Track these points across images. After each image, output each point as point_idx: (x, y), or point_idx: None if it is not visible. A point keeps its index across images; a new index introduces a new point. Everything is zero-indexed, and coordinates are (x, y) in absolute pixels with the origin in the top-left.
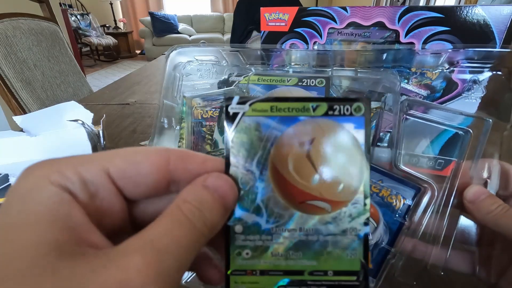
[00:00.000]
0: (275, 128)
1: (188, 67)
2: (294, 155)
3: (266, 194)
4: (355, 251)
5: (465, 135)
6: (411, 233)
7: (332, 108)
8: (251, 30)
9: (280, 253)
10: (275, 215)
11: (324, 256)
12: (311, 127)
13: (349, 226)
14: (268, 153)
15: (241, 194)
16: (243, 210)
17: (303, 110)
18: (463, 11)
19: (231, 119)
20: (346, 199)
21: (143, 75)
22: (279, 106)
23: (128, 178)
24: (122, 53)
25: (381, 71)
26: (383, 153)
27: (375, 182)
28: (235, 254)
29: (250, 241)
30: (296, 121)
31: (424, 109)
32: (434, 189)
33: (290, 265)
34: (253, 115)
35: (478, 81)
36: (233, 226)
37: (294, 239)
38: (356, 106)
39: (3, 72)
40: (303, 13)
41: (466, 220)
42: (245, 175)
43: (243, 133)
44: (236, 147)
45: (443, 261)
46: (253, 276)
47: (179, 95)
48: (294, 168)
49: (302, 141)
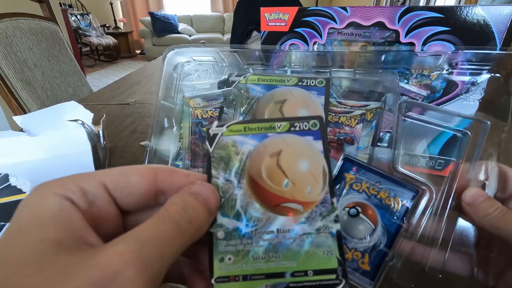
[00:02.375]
0: (249, 143)
1: (186, 67)
2: (266, 165)
3: (245, 200)
4: (330, 248)
5: (463, 137)
6: (409, 235)
7: (293, 125)
8: (251, 30)
9: (260, 256)
10: (254, 219)
11: (303, 256)
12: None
13: (321, 224)
14: (244, 164)
15: (222, 202)
16: (224, 216)
17: (270, 128)
18: (463, 11)
19: (211, 139)
20: (315, 200)
21: (143, 75)
22: (251, 126)
23: (121, 189)
24: (122, 53)
25: (379, 72)
26: (383, 154)
27: (373, 184)
28: (218, 261)
29: (232, 246)
30: (266, 137)
31: (423, 110)
32: (432, 191)
33: (271, 267)
34: (230, 134)
35: (476, 83)
36: (216, 232)
37: (273, 241)
38: (313, 122)
39: (3, 72)
40: (303, 13)
41: (464, 223)
42: (225, 185)
43: (222, 149)
44: (216, 161)
45: (441, 264)
46: (236, 283)
47: (177, 96)
48: (267, 175)
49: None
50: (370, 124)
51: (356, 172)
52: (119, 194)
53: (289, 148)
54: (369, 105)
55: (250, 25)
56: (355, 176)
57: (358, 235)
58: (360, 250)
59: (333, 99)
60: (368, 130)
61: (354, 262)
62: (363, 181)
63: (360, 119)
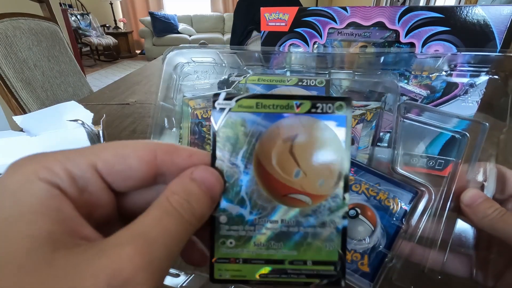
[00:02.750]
0: (260, 124)
1: (186, 68)
2: (277, 151)
3: (250, 187)
4: (333, 242)
5: (462, 138)
6: (408, 236)
7: (315, 106)
8: (251, 30)
9: (262, 243)
10: (258, 207)
11: (304, 246)
12: (295, 124)
13: (328, 219)
14: (253, 148)
15: (226, 186)
16: (228, 202)
17: (287, 108)
18: (463, 11)
19: (218, 114)
20: (326, 193)
21: (143, 75)
22: (264, 102)
23: (116, 173)
24: (122, 53)
25: (378, 73)
26: (383, 154)
27: (372, 186)
28: (220, 243)
29: (234, 231)
30: (281, 117)
31: (422, 112)
32: (431, 193)
33: (272, 254)
34: (239, 110)
35: (475, 85)
36: (218, 216)
37: (276, 230)
38: (338, 104)
39: (3, 72)
40: (303, 13)
41: (463, 224)
42: (230, 169)
43: (229, 128)
44: (222, 141)
45: (440, 265)
46: (236, 264)
47: (176, 97)
48: (278, 163)
49: (285, 137)
50: (370, 124)
51: (355, 174)
52: (114, 178)
53: (306, 133)
54: (369, 105)
55: (250, 25)
56: (354, 177)
57: (357, 237)
58: (360, 252)
59: None
60: (368, 130)
61: (353, 264)
62: (362, 182)
63: (360, 119)
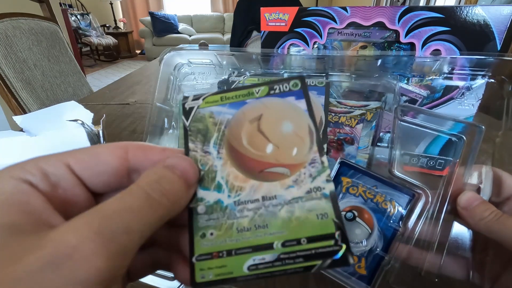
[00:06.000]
0: (227, 112)
1: (183, 70)
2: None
3: (225, 171)
4: (325, 211)
5: (458, 141)
6: (405, 239)
7: (273, 88)
8: (251, 30)
9: (245, 227)
10: (236, 188)
11: (293, 222)
12: (258, 106)
13: (312, 186)
14: (223, 134)
15: (202, 174)
16: (204, 190)
17: (248, 95)
18: (463, 11)
19: (187, 113)
20: (302, 161)
21: (143, 75)
22: (228, 95)
23: (89, 169)
24: (122, 53)
25: (376, 76)
26: (383, 154)
27: (369, 188)
28: (199, 237)
29: (214, 219)
30: (244, 104)
31: (419, 115)
32: (428, 195)
33: (258, 238)
34: (207, 106)
35: (471, 88)
36: (196, 207)
37: (259, 210)
38: (293, 82)
39: (3, 72)
40: (303, 13)
41: (459, 226)
42: (203, 157)
43: (199, 121)
44: (193, 134)
45: (437, 267)
46: (220, 259)
47: (173, 98)
48: (249, 142)
49: (252, 118)
50: (370, 124)
51: (352, 176)
52: (87, 174)
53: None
54: (369, 105)
55: (250, 25)
56: (351, 180)
57: (354, 239)
58: (357, 255)
59: (333, 99)
60: (368, 130)
61: (350, 267)
62: (359, 185)
63: (360, 119)
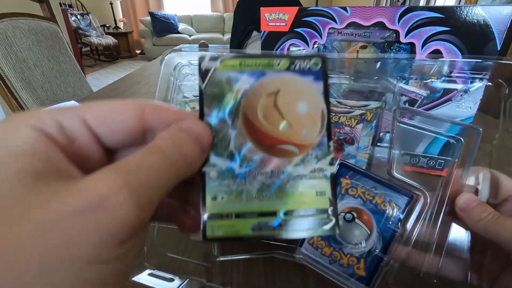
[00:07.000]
0: (245, 81)
1: (183, 70)
2: (263, 105)
3: (239, 141)
4: (323, 189)
5: (456, 143)
6: (404, 240)
7: (293, 63)
8: (251, 30)
9: (253, 195)
10: (248, 160)
11: (296, 196)
12: (277, 80)
13: (316, 167)
14: (239, 103)
15: (215, 141)
16: (217, 156)
17: (268, 65)
18: (463, 11)
19: (204, 74)
20: (311, 142)
21: (143, 75)
22: (247, 62)
23: (105, 126)
24: (122, 53)
25: (375, 79)
26: (383, 154)
27: (368, 189)
28: (211, 199)
29: (225, 185)
30: (263, 75)
31: (417, 117)
32: (427, 196)
33: (264, 206)
34: (224, 70)
35: (468, 91)
36: (208, 171)
37: (267, 182)
38: (314, 61)
39: (3, 72)
40: (303, 13)
41: (458, 228)
42: (218, 124)
43: (215, 86)
44: (209, 98)
45: (436, 269)
46: (229, 220)
47: (173, 99)
48: (264, 116)
49: (269, 92)
50: (370, 124)
51: (351, 178)
52: (103, 131)
53: (287, 88)
54: (369, 105)
55: (250, 25)
56: (350, 181)
57: (353, 240)
58: (356, 256)
59: (333, 99)
60: (368, 130)
61: (349, 268)
62: (358, 186)
63: (360, 119)
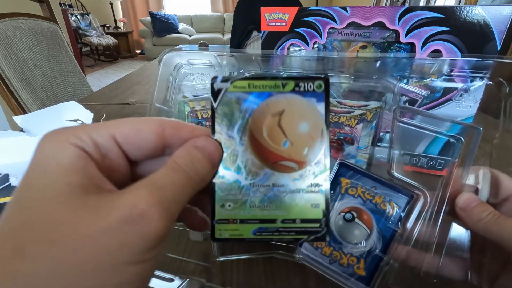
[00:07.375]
0: (252, 101)
1: (182, 70)
2: (268, 124)
3: (245, 156)
4: (318, 202)
5: (456, 143)
6: (404, 240)
7: (298, 85)
8: (251, 30)
9: (256, 205)
10: (252, 173)
11: (293, 207)
12: (282, 101)
13: (313, 182)
14: (246, 122)
15: (224, 156)
16: (225, 169)
17: (275, 87)
18: (463, 11)
19: (216, 94)
20: (310, 160)
21: (143, 75)
22: (255, 83)
23: (132, 143)
24: (122, 53)
25: (375, 78)
26: (383, 154)
27: (368, 189)
28: (219, 206)
29: (232, 195)
30: (269, 95)
31: (417, 117)
32: (427, 196)
33: (265, 214)
34: (234, 90)
35: (468, 90)
36: (218, 183)
37: (268, 193)
38: (317, 83)
39: (3, 72)
40: (303, 13)
41: (458, 227)
42: (227, 140)
43: (226, 105)
44: (220, 117)
45: (436, 268)
46: (234, 224)
47: (172, 98)
48: (268, 135)
49: (274, 112)
50: (370, 124)
51: (351, 177)
52: (129, 147)
53: (291, 109)
54: (369, 105)
55: (250, 25)
56: (350, 181)
57: (353, 240)
58: (356, 255)
59: (333, 99)
60: (368, 130)
61: (349, 267)
62: (358, 186)
63: (360, 119)
